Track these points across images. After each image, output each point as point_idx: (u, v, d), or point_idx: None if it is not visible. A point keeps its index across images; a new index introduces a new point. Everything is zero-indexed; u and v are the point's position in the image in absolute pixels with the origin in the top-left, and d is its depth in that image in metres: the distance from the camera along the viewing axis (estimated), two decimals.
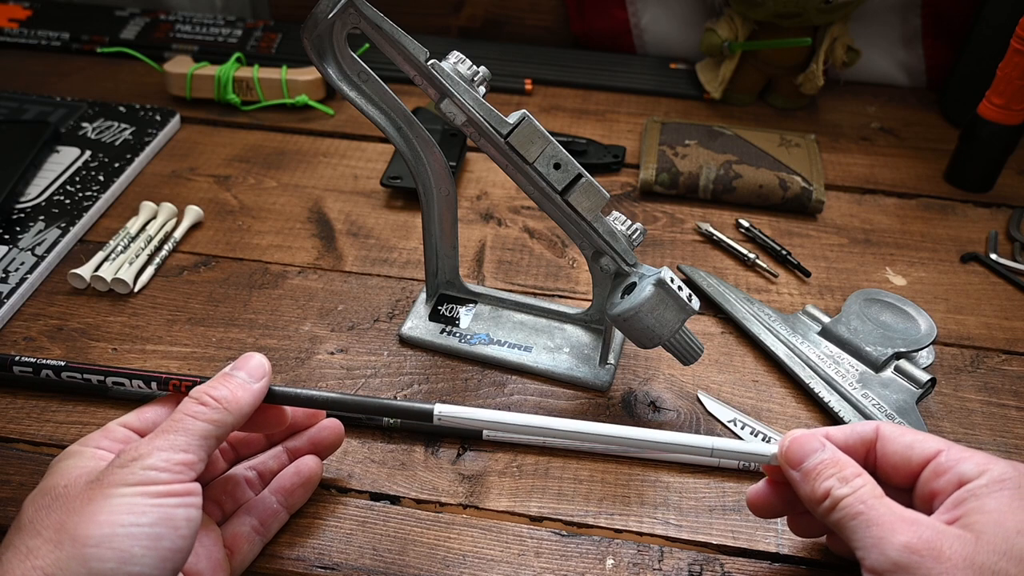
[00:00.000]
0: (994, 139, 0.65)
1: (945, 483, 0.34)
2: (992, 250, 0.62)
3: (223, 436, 0.36)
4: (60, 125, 0.70)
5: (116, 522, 0.31)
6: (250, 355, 0.40)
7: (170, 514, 0.33)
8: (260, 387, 0.39)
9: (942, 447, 0.36)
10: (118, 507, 0.32)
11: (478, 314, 0.55)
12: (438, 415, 0.41)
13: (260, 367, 0.39)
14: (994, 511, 0.32)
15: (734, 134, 0.70)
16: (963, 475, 0.34)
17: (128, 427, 0.38)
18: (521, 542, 0.43)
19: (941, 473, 0.35)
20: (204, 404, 0.36)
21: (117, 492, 0.32)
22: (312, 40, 0.42)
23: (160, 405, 0.40)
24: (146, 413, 0.39)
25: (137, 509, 0.32)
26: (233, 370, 0.39)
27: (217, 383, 0.38)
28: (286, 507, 0.42)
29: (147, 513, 0.32)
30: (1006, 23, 0.64)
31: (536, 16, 0.86)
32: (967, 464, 0.34)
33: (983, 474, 0.34)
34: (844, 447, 0.38)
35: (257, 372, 0.39)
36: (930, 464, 0.35)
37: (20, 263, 0.57)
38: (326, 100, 0.76)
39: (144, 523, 0.32)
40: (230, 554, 0.39)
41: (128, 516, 0.32)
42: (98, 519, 0.31)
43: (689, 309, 0.44)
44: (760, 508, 0.40)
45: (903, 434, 0.37)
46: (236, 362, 0.39)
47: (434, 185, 0.49)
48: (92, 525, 0.31)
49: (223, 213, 0.64)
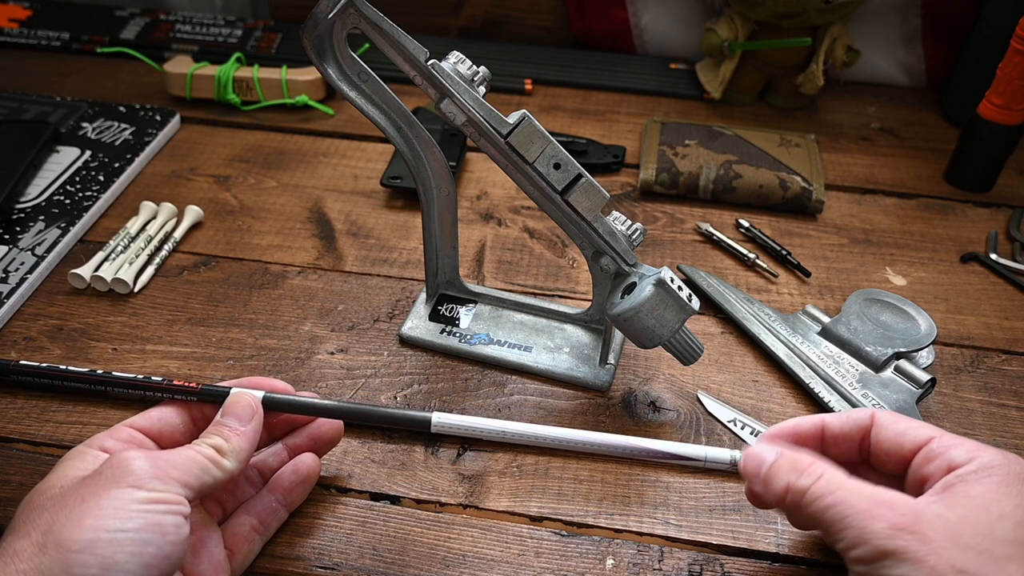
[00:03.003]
0: (994, 139, 0.65)
1: (935, 468, 0.35)
2: (992, 250, 0.62)
3: (222, 480, 0.37)
4: (60, 125, 0.70)
5: (101, 527, 0.31)
6: (237, 398, 0.40)
7: (158, 520, 0.32)
8: (252, 428, 0.39)
9: (934, 434, 0.36)
10: (105, 511, 0.32)
11: (478, 314, 0.55)
12: (436, 424, 0.41)
13: (247, 408, 0.40)
14: (979, 496, 0.32)
15: (734, 134, 0.70)
16: (953, 460, 0.34)
17: (135, 427, 0.38)
18: (521, 542, 0.43)
19: (932, 459, 0.35)
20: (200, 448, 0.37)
21: (107, 495, 0.32)
22: (312, 40, 0.42)
23: (167, 406, 0.40)
24: (152, 413, 0.39)
25: (123, 514, 0.32)
26: (223, 416, 0.39)
27: (212, 431, 0.38)
28: (285, 505, 0.42)
29: (133, 518, 0.32)
30: (1006, 23, 0.64)
31: (536, 16, 0.86)
32: (958, 450, 0.35)
33: (972, 460, 0.34)
34: (840, 434, 0.38)
35: (245, 415, 0.39)
36: (922, 450, 0.36)
37: (20, 263, 0.57)
38: (326, 100, 0.76)
39: (129, 528, 0.32)
40: (230, 554, 0.39)
41: (113, 521, 0.31)
42: (84, 523, 0.31)
43: (689, 309, 0.44)
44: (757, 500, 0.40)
45: (897, 421, 0.37)
46: (224, 406, 0.40)
47: (434, 185, 0.49)
48: (77, 529, 0.31)
49: (223, 213, 0.64)
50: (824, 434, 0.39)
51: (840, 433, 0.38)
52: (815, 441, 0.39)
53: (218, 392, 0.42)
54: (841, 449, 0.39)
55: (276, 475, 0.43)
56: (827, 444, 0.39)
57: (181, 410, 0.41)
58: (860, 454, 0.39)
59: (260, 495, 0.42)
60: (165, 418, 0.40)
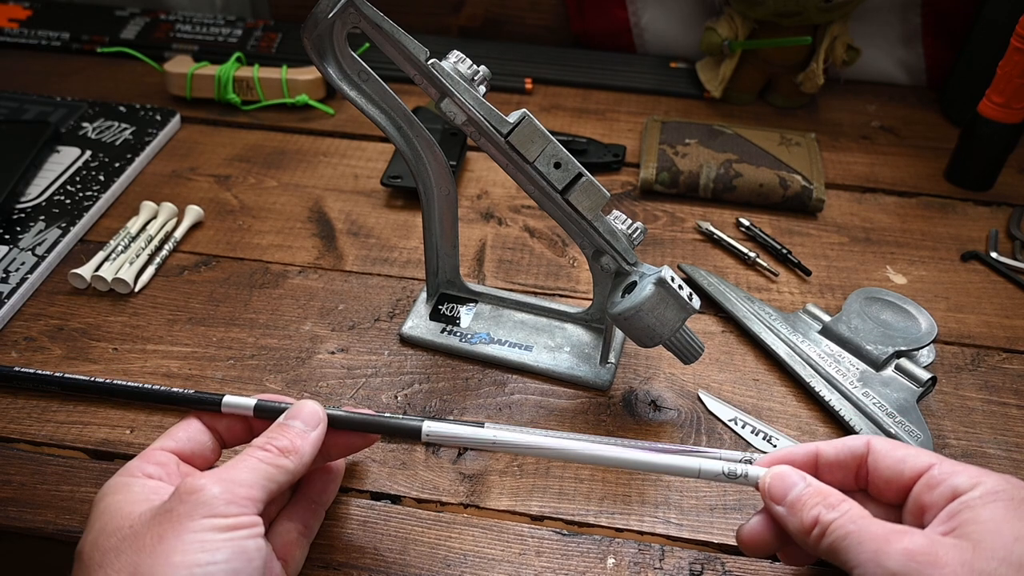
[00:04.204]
0: (994, 137, 0.65)
1: (938, 496, 0.34)
2: (992, 248, 0.62)
3: (285, 483, 0.36)
4: (60, 125, 0.70)
5: (192, 563, 0.31)
6: (303, 403, 0.39)
7: (243, 547, 0.32)
8: (317, 434, 0.38)
9: (934, 461, 0.35)
10: (191, 545, 0.31)
11: (479, 313, 0.55)
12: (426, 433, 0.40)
13: (315, 414, 0.39)
14: (990, 520, 0.32)
15: (734, 133, 0.70)
16: (956, 488, 0.34)
17: (167, 450, 0.38)
18: (522, 541, 0.43)
19: (934, 486, 0.34)
20: (266, 450, 0.36)
21: (187, 528, 0.32)
22: (312, 40, 0.42)
23: (189, 422, 0.40)
24: (179, 433, 0.39)
25: (210, 546, 0.31)
26: (288, 419, 0.38)
27: (276, 433, 0.37)
28: (321, 504, 0.42)
29: (220, 549, 0.32)
30: (1006, 21, 0.64)
31: (536, 15, 0.86)
32: (960, 477, 0.34)
33: (976, 486, 0.33)
34: (835, 462, 0.37)
35: (312, 420, 0.39)
36: (922, 477, 0.35)
37: (20, 263, 0.57)
38: (326, 100, 0.76)
39: (220, 560, 0.31)
40: (284, 563, 0.39)
41: (203, 555, 0.31)
42: (173, 560, 0.31)
43: (689, 308, 0.44)
44: (752, 546, 0.39)
45: (895, 448, 0.37)
46: (290, 411, 0.39)
47: (434, 184, 0.49)
48: (168, 568, 0.31)
49: (223, 213, 0.64)
50: (818, 462, 0.38)
51: (835, 461, 0.37)
52: (809, 469, 0.38)
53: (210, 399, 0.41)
54: (836, 477, 0.38)
55: (305, 478, 0.42)
56: (821, 472, 0.38)
57: (206, 427, 0.41)
58: (856, 482, 0.38)
59: (297, 499, 0.42)
60: (194, 437, 0.39)
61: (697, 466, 0.39)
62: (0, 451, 0.46)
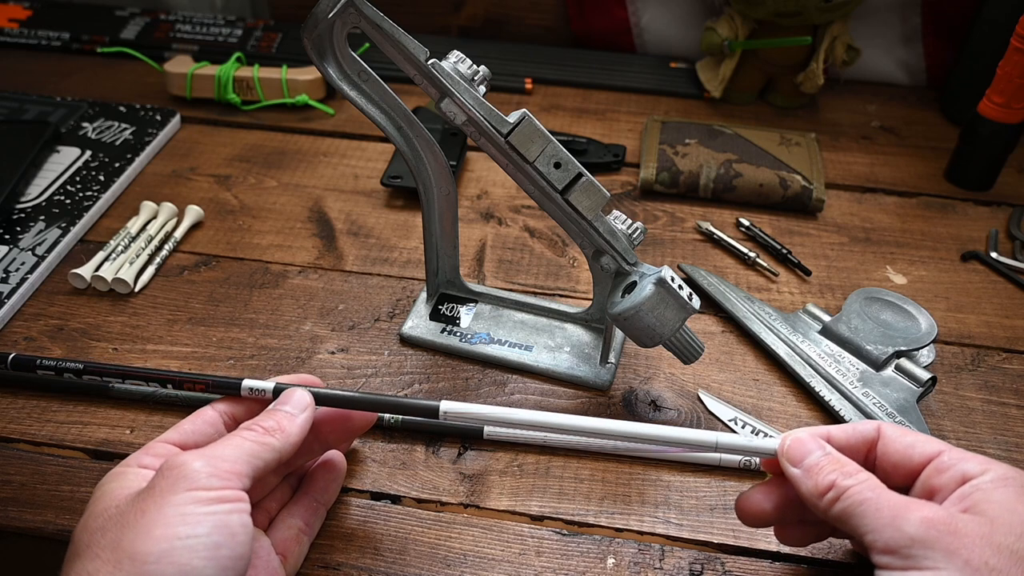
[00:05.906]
0: (994, 137, 0.65)
1: (948, 479, 0.35)
2: (992, 248, 0.62)
3: (271, 460, 0.36)
4: (60, 125, 0.70)
5: (173, 535, 0.31)
6: (292, 390, 0.40)
7: (225, 521, 0.32)
8: (305, 417, 0.39)
9: (943, 448, 0.36)
10: (172, 519, 0.31)
11: (479, 313, 0.55)
12: (444, 412, 0.41)
13: (303, 400, 0.40)
14: (1003, 501, 0.33)
15: (734, 133, 0.70)
16: (967, 472, 0.34)
17: (170, 443, 0.38)
18: (522, 541, 0.43)
19: (943, 470, 0.35)
20: (252, 430, 0.37)
21: (168, 502, 0.32)
22: (312, 40, 0.42)
23: (197, 417, 0.40)
24: (185, 426, 0.39)
25: (191, 519, 0.31)
26: (278, 405, 0.39)
27: (263, 416, 0.38)
28: (323, 503, 0.42)
29: (202, 522, 0.32)
30: (1006, 21, 0.64)
31: (536, 15, 0.86)
32: (970, 463, 0.35)
33: (986, 472, 0.34)
34: (845, 446, 0.38)
35: (300, 404, 0.39)
36: (931, 463, 0.36)
37: (20, 263, 0.57)
38: (326, 100, 0.76)
39: (201, 533, 0.31)
40: (283, 559, 0.39)
41: (183, 528, 0.31)
42: (154, 534, 0.31)
43: (689, 308, 0.44)
44: (750, 515, 0.39)
45: (904, 434, 0.37)
46: (279, 398, 0.40)
47: (434, 184, 0.49)
48: (149, 541, 0.31)
49: (223, 213, 0.64)
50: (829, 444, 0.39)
51: (845, 445, 0.38)
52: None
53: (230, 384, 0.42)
54: None
55: (308, 476, 0.43)
56: None
57: (213, 421, 0.41)
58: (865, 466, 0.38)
59: (299, 497, 0.42)
60: (199, 430, 0.39)
61: (714, 439, 0.39)
62: (0, 451, 0.46)
